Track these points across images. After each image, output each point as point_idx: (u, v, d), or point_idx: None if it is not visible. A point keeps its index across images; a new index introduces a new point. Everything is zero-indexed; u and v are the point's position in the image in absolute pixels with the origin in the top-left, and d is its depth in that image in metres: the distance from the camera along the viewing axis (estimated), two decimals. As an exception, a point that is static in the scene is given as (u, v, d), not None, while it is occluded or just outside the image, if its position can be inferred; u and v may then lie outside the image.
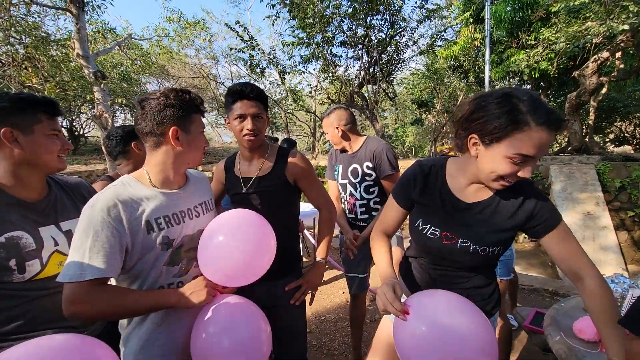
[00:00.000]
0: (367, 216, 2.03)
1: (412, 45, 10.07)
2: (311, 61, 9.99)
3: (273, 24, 9.51)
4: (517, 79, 10.45)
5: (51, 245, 1.02)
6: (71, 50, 7.83)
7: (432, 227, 1.07)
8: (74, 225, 1.10)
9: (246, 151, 1.39)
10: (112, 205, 0.92)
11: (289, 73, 10.86)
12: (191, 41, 14.15)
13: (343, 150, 2.07)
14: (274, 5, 8.96)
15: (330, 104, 11.61)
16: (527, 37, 8.18)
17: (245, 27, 9.55)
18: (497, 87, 14.46)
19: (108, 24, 11.65)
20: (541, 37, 7.41)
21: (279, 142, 4.10)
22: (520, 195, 1.00)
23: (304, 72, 10.77)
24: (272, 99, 12.92)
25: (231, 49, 10.57)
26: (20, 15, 7.49)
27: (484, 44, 8.64)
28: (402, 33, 9.75)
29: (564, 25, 6.79)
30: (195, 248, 1.07)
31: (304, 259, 4.25)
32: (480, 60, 10.64)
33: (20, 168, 0.99)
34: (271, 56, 10.35)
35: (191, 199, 1.11)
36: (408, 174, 1.13)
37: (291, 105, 13.40)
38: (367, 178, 1.97)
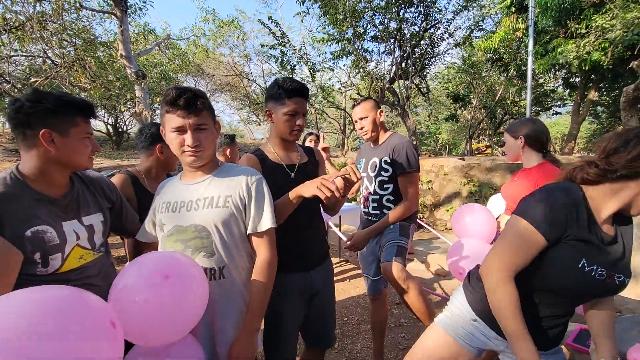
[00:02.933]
0: (377, 212, 1.95)
1: (447, 37, 9.65)
2: (342, 57, 9.89)
3: (302, 21, 9.56)
4: (565, 71, 9.70)
5: (73, 240, 1.05)
6: (115, 52, 8.32)
7: (600, 268, 0.96)
8: (94, 219, 1.15)
9: (289, 143, 1.46)
10: None
11: (319, 70, 10.84)
12: (225, 40, 14.55)
13: (374, 142, 1.99)
14: (303, 1, 8.95)
15: (360, 100, 11.42)
16: (577, 26, 7.54)
17: (278, 23, 9.61)
18: (541, 80, 13.53)
19: (149, 25, 12.28)
20: (593, 25, 6.81)
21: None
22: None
23: (334, 69, 10.70)
24: (303, 96, 12.95)
25: (263, 46, 10.71)
26: (72, 20, 8.07)
27: (527, 34, 8.07)
28: (437, 25, 9.37)
29: (621, 11, 6.18)
30: None
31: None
32: (523, 51, 9.99)
33: (50, 166, 1.03)
34: (302, 53, 10.37)
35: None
36: (560, 200, 0.96)
37: (321, 102, 13.37)
38: (382, 173, 1.89)
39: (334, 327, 1.64)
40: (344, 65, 14.49)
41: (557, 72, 9.86)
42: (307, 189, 1.19)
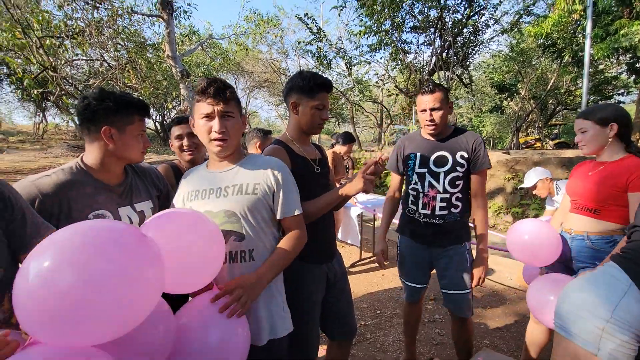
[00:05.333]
0: (445, 212, 1.75)
1: (492, 24, 9.12)
2: (379, 50, 9.71)
3: (340, 15, 9.47)
4: (629, 55, 8.74)
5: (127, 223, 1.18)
6: (162, 53, 8.87)
7: None
8: (145, 206, 1.27)
9: (305, 136, 1.50)
10: None
11: (355, 64, 10.74)
12: (264, 37, 14.88)
13: (435, 135, 1.78)
14: (340, -5, 8.89)
15: (397, 94, 11.19)
16: (645, 4, 6.74)
17: (314, 19, 9.66)
18: (600, 66, 12.29)
19: (194, 27, 12.88)
20: (665, 2, 6.04)
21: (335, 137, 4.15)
22: None
23: (370, 62, 10.54)
24: (339, 90, 12.94)
25: (299, 43, 10.83)
26: (124, 25, 8.70)
27: (585, 16, 7.37)
28: (482, 12, 8.87)
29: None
30: None
31: (363, 253, 4.21)
32: (580, 35, 9.13)
33: (108, 158, 1.16)
34: (338, 47, 10.33)
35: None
36: None
37: (357, 95, 13.25)
38: (457, 168, 1.72)
39: (354, 317, 1.67)
40: (381, 58, 14.20)
41: (620, 57, 8.90)
42: (353, 187, 1.27)
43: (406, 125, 18.88)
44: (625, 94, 14.29)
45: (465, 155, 1.72)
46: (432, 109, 1.69)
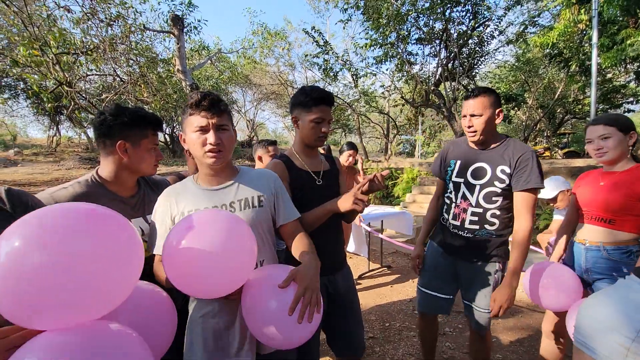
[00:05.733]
0: (476, 227, 1.64)
1: (498, 35, 9.17)
2: (384, 62, 9.81)
3: (344, 28, 9.65)
4: (637, 64, 8.68)
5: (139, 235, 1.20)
6: (173, 67, 9.10)
7: None
8: None
9: (313, 149, 1.51)
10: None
11: (362, 76, 10.85)
12: (272, 50, 15.17)
13: (480, 144, 1.66)
14: (346, 10, 9.06)
15: (404, 105, 11.24)
16: (652, 13, 6.74)
17: (321, 33, 9.84)
18: (608, 75, 12.20)
19: (203, 42, 13.22)
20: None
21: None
22: None
23: (376, 74, 10.65)
24: (345, 102, 13.05)
25: (306, 56, 11.02)
26: (137, 41, 8.97)
27: (591, 26, 7.38)
28: (487, 23, 8.94)
29: None
30: None
31: (371, 264, 4.18)
32: (586, 45, 9.12)
33: (122, 171, 1.20)
34: (344, 59, 10.47)
35: None
36: None
37: (364, 107, 13.34)
38: (496, 183, 1.58)
39: (363, 334, 1.61)
40: (387, 70, 14.32)
41: (628, 66, 8.84)
42: (343, 204, 1.28)
43: (412, 135, 18.88)
44: (634, 102, 14.13)
45: (507, 170, 1.56)
46: (472, 115, 1.58)
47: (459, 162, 1.71)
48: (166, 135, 17.06)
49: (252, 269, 1.02)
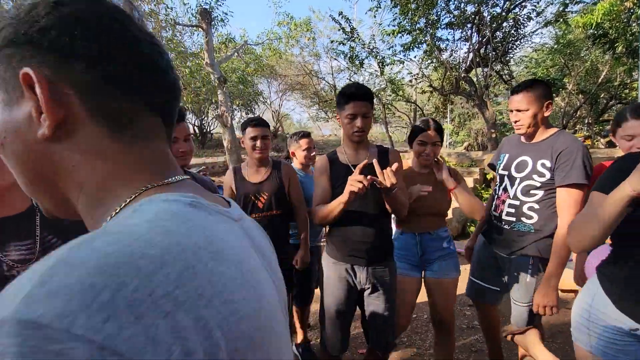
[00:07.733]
0: (512, 219, 1.64)
1: (535, 16, 8.60)
2: (413, 48, 9.52)
3: (375, 15, 9.42)
4: (696, 43, 7.89)
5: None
6: (201, 60, 9.33)
7: None
8: None
9: (354, 144, 1.58)
10: None
11: (388, 64, 10.61)
12: (297, 41, 15.13)
13: (528, 137, 1.66)
14: (375, -4, 8.84)
15: (432, 92, 10.92)
16: None
17: (348, 19, 9.65)
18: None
19: (230, 34, 13.38)
20: None
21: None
22: None
23: (404, 61, 10.37)
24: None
25: (332, 42, 10.89)
26: (168, 36, 9.26)
27: (639, 4, 6.78)
28: (523, 4, 8.42)
29: None
30: None
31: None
32: (634, 24, 8.40)
33: None
34: (371, 47, 10.26)
35: None
36: None
37: (390, 96, 13.07)
38: (535, 177, 1.57)
39: (391, 334, 1.63)
40: (415, 57, 13.91)
41: (684, 45, 8.04)
42: (345, 193, 1.34)
43: (441, 124, 18.29)
44: (691, 85, 12.90)
45: (548, 164, 1.53)
46: (517, 110, 1.60)
47: (507, 155, 1.75)
48: (195, 127, 17.62)
49: None
